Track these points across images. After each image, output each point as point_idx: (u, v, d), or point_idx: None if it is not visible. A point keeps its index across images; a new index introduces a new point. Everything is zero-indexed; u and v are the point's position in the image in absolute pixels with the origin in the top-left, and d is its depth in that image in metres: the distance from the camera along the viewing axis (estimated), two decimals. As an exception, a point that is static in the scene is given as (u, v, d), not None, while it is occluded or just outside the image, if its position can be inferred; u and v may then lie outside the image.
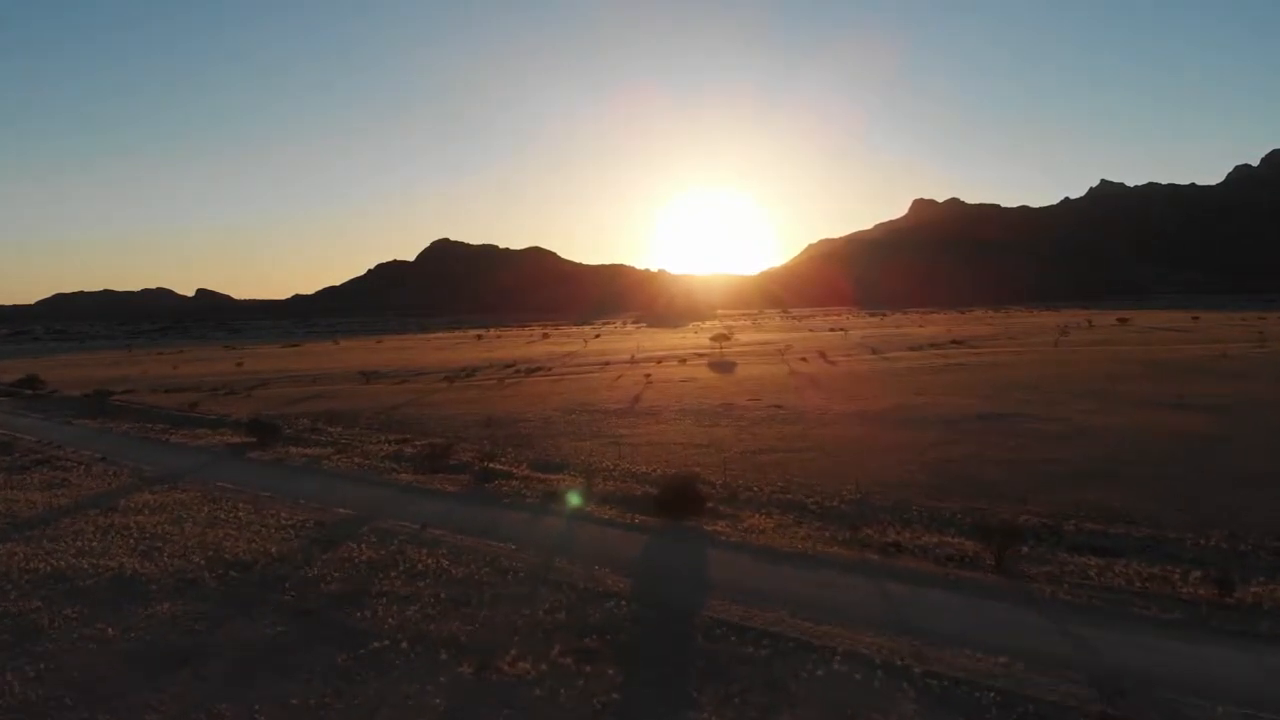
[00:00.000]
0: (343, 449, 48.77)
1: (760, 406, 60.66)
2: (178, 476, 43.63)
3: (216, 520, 34.03)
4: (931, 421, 51.93)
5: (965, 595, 23.63)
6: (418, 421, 58.78)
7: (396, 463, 44.05)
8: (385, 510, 34.60)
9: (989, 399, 61.02)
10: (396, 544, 29.34)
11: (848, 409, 58.22)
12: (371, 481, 40.50)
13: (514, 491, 36.67)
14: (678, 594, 23.92)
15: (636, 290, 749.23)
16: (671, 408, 61.63)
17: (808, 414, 56.47)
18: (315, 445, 50.82)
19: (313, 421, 60.59)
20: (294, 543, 30.33)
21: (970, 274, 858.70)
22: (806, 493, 34.81)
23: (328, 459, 46.26)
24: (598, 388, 76.97)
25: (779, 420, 54.12)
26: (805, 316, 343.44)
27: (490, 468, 40.53)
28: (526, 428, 54.50)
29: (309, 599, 24.65)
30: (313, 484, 40.48)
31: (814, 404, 61.25)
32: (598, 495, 35.47)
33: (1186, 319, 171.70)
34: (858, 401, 62.01)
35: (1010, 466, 39.39)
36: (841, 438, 47.50)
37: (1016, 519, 30.57)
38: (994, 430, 48.74)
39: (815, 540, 28.46)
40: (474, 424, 56.68)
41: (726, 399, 65.60)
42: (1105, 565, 26.41)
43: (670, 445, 46.92)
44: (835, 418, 54.59)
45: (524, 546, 28.67)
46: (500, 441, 49.11)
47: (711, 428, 52.41)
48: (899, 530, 29.71)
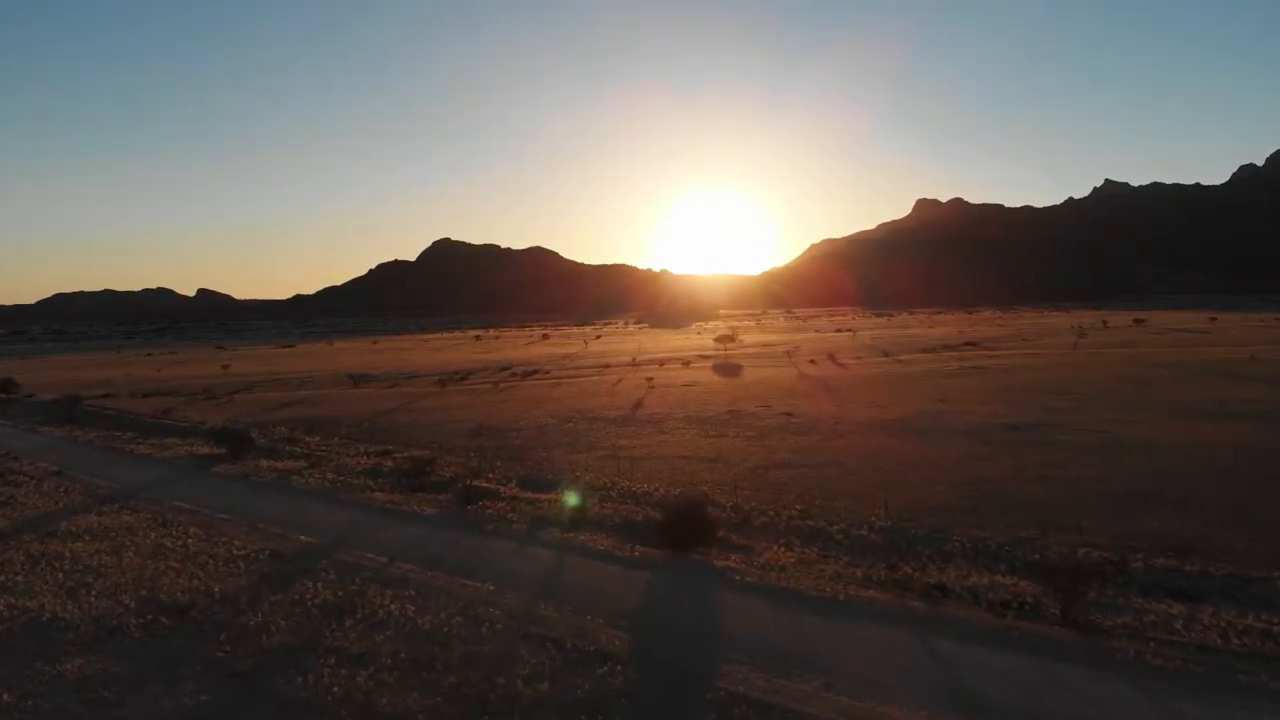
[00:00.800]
0: (317, 462, 44.79)
1: (770, 414, 56.62)
2: (132, 494, 39.68)
3: (161, 550, 30.04)
4: (957, 432, 47.85)
5: (1032, 656, 19.56)
6: (403, 430, 54.79)
7: (373, 479, 40.01)
8: (352, 538, 30.58)
9: (1015, 406, 56.92)
10: (358, 582, 25.33)
11: (864, 417, 54.15)
12: (343, 502, 36.47)
13: (499, 515, 32.60)
14: (686, 655, 19.84)
15: (638, 290, 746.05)
16: (675, 415, 57.61)
17: (822, 423, 52.40)
18: (288, 458, 46.84)
19: (290, 430, 56.64)
20: (242, 579, 26.32)
21: (974, 274, 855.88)
22: (829, 518, 30.73)
23: (299, 474, 42.24)
24: (597, 392, 72.96)
25: (791, 430, 50.04)
26: (810, 317, 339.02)
27: (474, 486, 36.49)
28: (518, 438, 50.48)
29: (245, 656, 20.64)
30: (278, 504, 36.48)
31: (828, 411, 57.19)
32: (593, 520, 31.42)
33: (1203, 320, 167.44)
34: (874, 408, 57.94)
35: (1052, 485, 35.31)
36: (861, 450, 43.43)
37: (1075, 553, 26.61)
38: (1026, 442, 44.64)
39: (846, 581, 24.38)
40: (462, 433, 52.68)
41: (733, 405, 61.56)
42: (1189, 614, 22.33)
43: (674, 459, 42.86)
44: (852, 427, 50.52)
45: (505, 587, 24.62)
46: (489, 454, 45.10)
47: (718, 438, 48.36)
48: (941, 567, 25.64)
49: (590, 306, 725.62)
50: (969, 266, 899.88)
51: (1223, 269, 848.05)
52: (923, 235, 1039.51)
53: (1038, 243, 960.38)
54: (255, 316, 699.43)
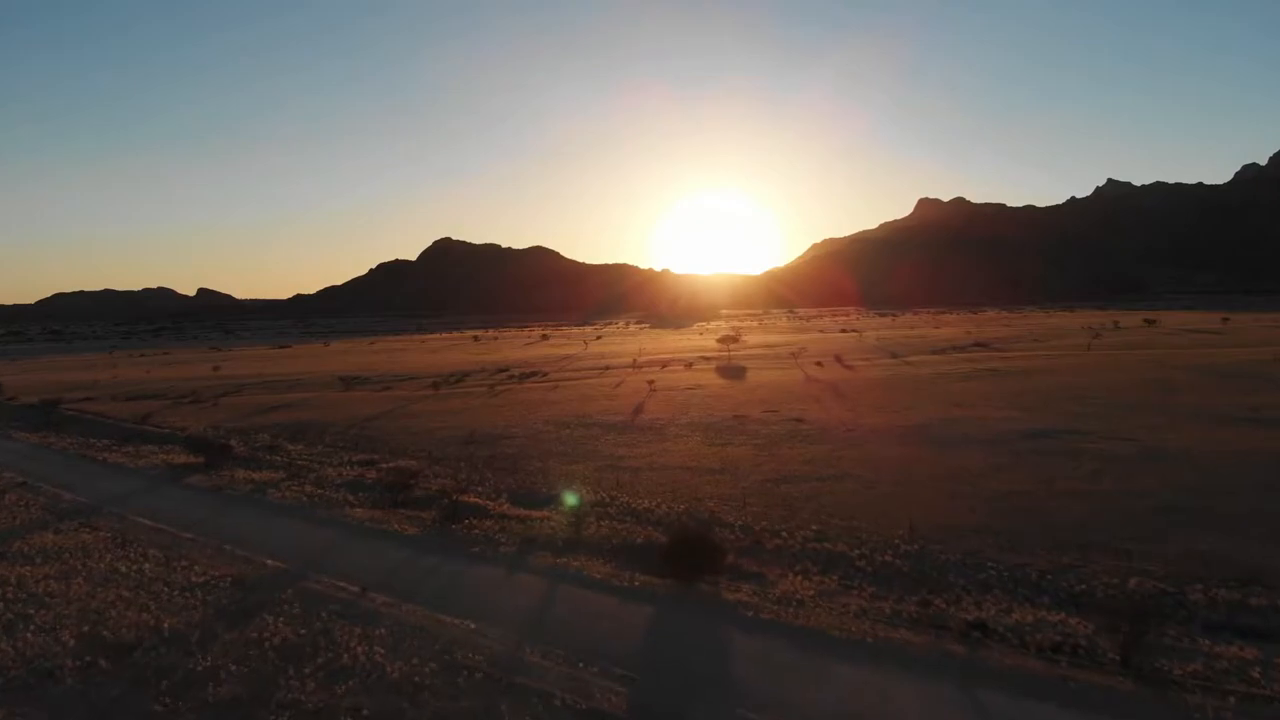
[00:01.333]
0: (297, 474, 42.06)
1: (778, 420, 53.85)
2: (97, 509, 36.98)
3: (115, 575, 27.34)
4: (978, 440, 45.07)
5: (1094, 714, 16.86)
6: (391, 438, 52.06)
7: (354, 493, 37.25)
8: (324, 562, 27.85)
9: (1036, 412, 54.14)
10: (324, 618, 22.61)
11: (878, 424, 51.38)
12: (318, 519, 33.72)
13: (486, 536, 29.84)
14: (695, 715, 17.11)
15: (640, 290, 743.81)
16: (677, 421, 54.85)
17: (833, 430, 49.63)
18: (267, 468, 44.11)
19: (273, 437, 53.92)
20: (196, 612, 23.61)
21: (976, 274, 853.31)
22: (849, 540, 27.98)
23: (276, 487, 39.51)
24: (596, 396, 70.20)
25: (801, 438, 47.26)
26: (813, 317, 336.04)
27: (461, 502, 33.78)
28: (512, 446, 47.72)
29: (185, 711, 17.92)
30: (248, 521, 33.76)
31: (838, 417, 54.42)
32: (589, 541, 28.66)
33: (1215, 321, 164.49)
34: (887, 414, 55.18)
35: (1089, 502, 32.53)
36: (877, 461, 40.66)
37: (1126, 582, 23.88)
38: (1053, 452, 41.86)
39: (873, 618, 21.63)
40: (453, 441, 49.93)
41: (739, 410, 58.80)
42: (1265, 658, 19.60)
43: (677, 470, 40.10)
44: (866, 435, 47.74)
45: (488, 625, 21.88)
46: (479, 465, 42.38)
47: (724, 447, 45.59)
48: (978, 600, 22.90)
49: (591, 306, 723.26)
50: (971, 266, 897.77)
51: (1225, 268, 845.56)
52: (925, 235, 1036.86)
53: (1040, 242, 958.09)
54: (255, 316, 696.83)
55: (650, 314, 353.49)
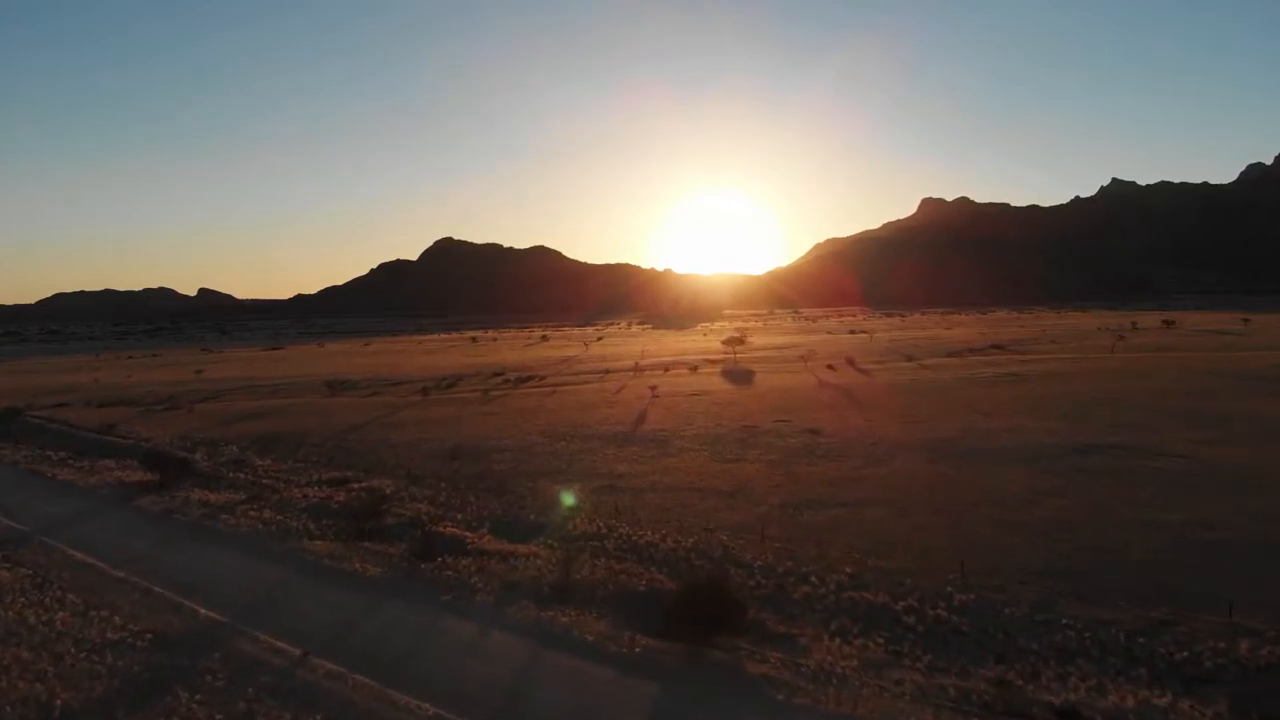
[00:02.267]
0: (258, 495, 37.68)
1: (792, 431, 49.44)
2: (27, 538, 32.62)
3: (19, 629, 22.98)
4: (1016, 456, 40.65)
5: None
6: (370, 451, 47.70)
7: (317, 520, 32.82)
8: (267, 613, 23.48)
9: (1072, 423, 49.71)
10: (251, 696, 18.23)
11: (902, 436, 46.96)
12: (271, 554, 29.31)
13: (461, 579, 25.36)
14: None
15: (642, 290, 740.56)
16: (683, 432, 50.45)
17: (854, 443, 45.20)
18: (227, 488, 39.73)
19: (242, 450, 49.59)
20: (99, 684, 19.26)
21: (980, 273, 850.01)
22: (891, 586, 23.57)
23: (232, 511, 35.13)
24: (595, 403, 65.83)
25: (821, 453, 42.84)
26: (818, 317, 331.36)
27: (436, 533, 29.43)
28: (501, 462, 43.33)
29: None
30: (192, 556, 29.37)
31: (858, 428, 50.00)
32: (582, 588, 24.19)
33: (1235, 321, 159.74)
34: (911, 424, 50.76)
35: (1158, 534, 28.11)
36: (908, 481, 36.25)
37: (1236, 646, 19.50)
38: (1103, 471, 37.43)
39: (937, 703, 17.18)
40: (438, 455, 45.56)
41: (749, 419, 54.43)
42: None
43: (684, 492, 35.70)
44: (891, 449, 43.31)
45: (452, 709, 17.52)
46: (462, 484, 38.00)
47: (735, 463, 41.19)
48: (1061, 674, 18.44)
49: (593, 307, 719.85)
50: (975, 266, 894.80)
51: (1231, 268, 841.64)
52: (928, 234, 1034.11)
53: (1044, 242, 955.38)
54: (255, 316, 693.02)
55: (652, 314, 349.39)
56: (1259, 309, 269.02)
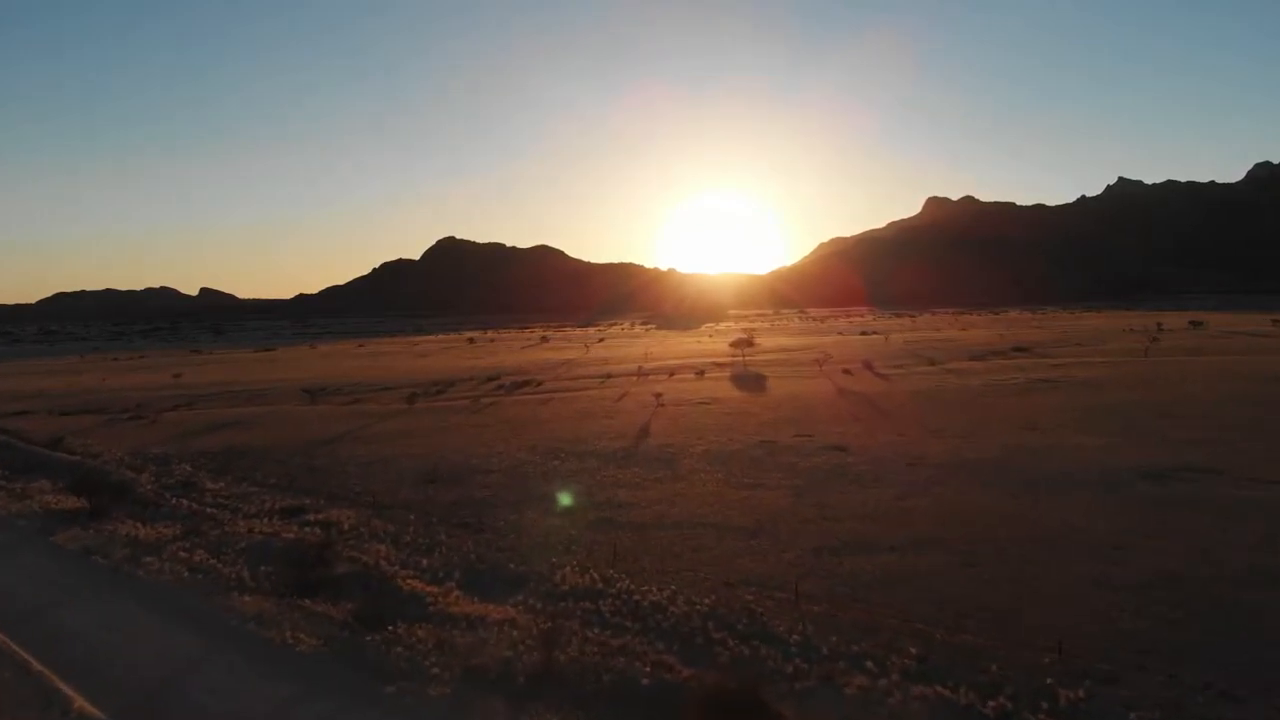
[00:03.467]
0: (197, 529, 32.15)
1: (815, 448, 43.90)
2: (-95, 586, 27.20)
3: None
4: (1078, 482, 35.04)
5: None
6: (337, 471, 42.25)
7: (255, 566, 27.23)
8: (157, 711, 18.01)
9: (1131, 439, 44.11)
10: None
11: (941, 454, 41.38)
12: (191, 614, 23.70)
13: (413, 660, 19.61)
14: None
15: (645, 290, 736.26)
16: (692, 449, 44.94)
17: (889, 464, 39.64)
18: (164, 519, 34.16)
19: (195, 469, 44.15)
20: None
21: (987, 273, 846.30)
22: (972, 674, 17.93)
23: (160, 551, 29.55)
24: (595, 413, 60.35)
25: (852, 476, 37.28)
26: (826, 318, 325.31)
27: (393, 586, 23.95)
28: (484, 486, 37.84)
29: None
30: (96, 616, 23.80)
31: (890, 445, 44.43)
32: (568, 678, 18.58)
33: (1264, 322, 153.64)
34: (949, 440, 45.20)
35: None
36: (961, 515, 30.67)
37: None
38: (1184, 501, 31.81)
39: None
40: (413, 477, 40.09)
41: (765, 433, 48.92)
42: None
43: (696, 528, 30.17)
44: (933, 472, 37.73)
45: None
46: (435, 517, 32.50)
47: (754, 489, 35.65)
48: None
49: (597, 306, 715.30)
50: (981, 266, 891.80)
51: (1238, 267, 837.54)
52: (933, 234, 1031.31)
53: (1050, 241, 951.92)
54: (254, 316, 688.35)
55: (656, 314, 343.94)
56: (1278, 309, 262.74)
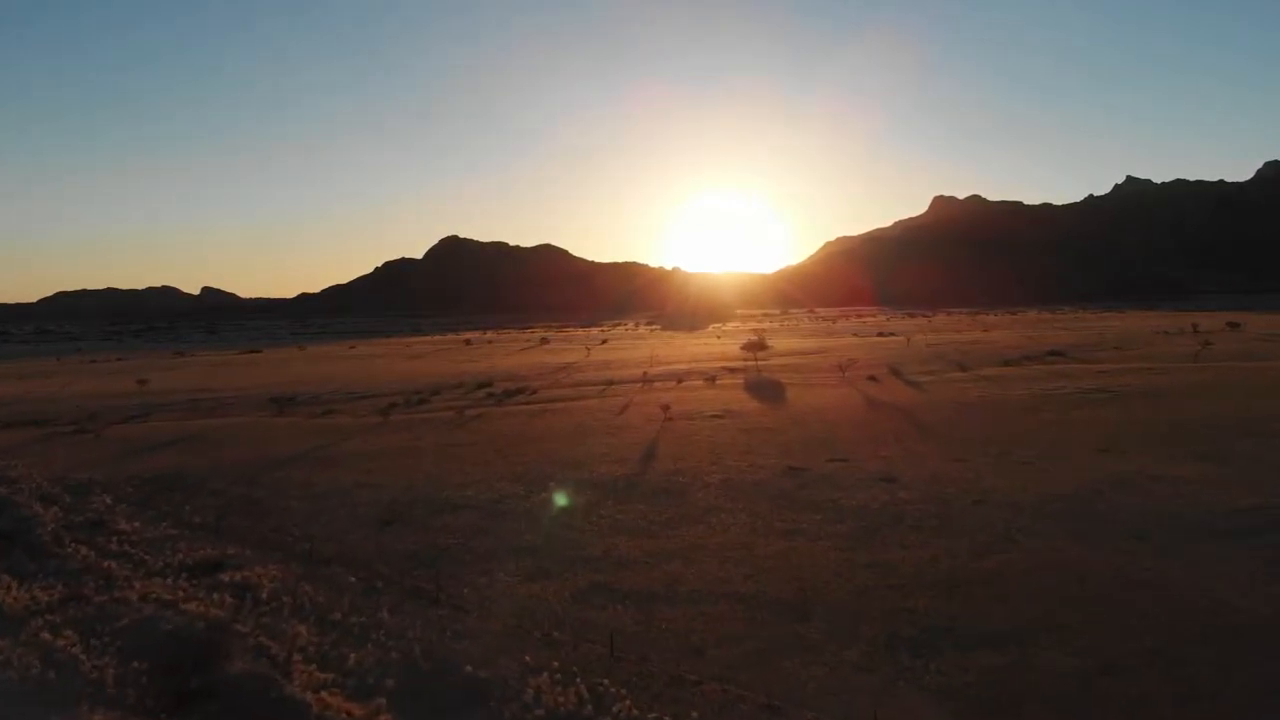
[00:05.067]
0: (81, 591, 24.88)
1: (857, 477, 36.63)
2: None
3: None
4: (1198, 529, 27.67)
5: None
6: (279, 506, 35.07)
7: (125, 662, 20.09)
8: None
9: (1232, 466, 36.74)
10: None
11: (1011, 488, 34.07)
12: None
13: None
14: None
15: (650, 289, 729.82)
16: (707, 477, 37.71)
17: (950, 501, 32.38)
18: (51, 575, 26.70)
19: (116, 501, 37.02)
20: None
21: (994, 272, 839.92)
22: None
23: (23, 626, 22.42)
24: (593, 428, 53.17)
25: (910, 519, 29.98)
26: (837, 318, 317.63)
27: (295, 708, 16.91)
28: (451, 531, 30.63)
29: None
30: None
31: (944, 473, 37.14)
32: None
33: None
34: (1013, 467, 37.91)
35: None
36: (1063, 579, 23.36)
37: None
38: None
39: None
40: (367, 517, 32.90)
41: (792, 456, 41.70)
42: None
43: (720, 603, 22.91)
44: (1007, 512, 30.43)
45: None
46: (384, 578, 25.35)
47: (790, 539, 28.39)
48: None
49: (601, 306, 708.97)
50: (988, 265, 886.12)
51: (1247, 267, 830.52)
52: (940, 233, 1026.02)
53: (1057, 240, 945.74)
54: (254, 316, 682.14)
55: (661, 314, 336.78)
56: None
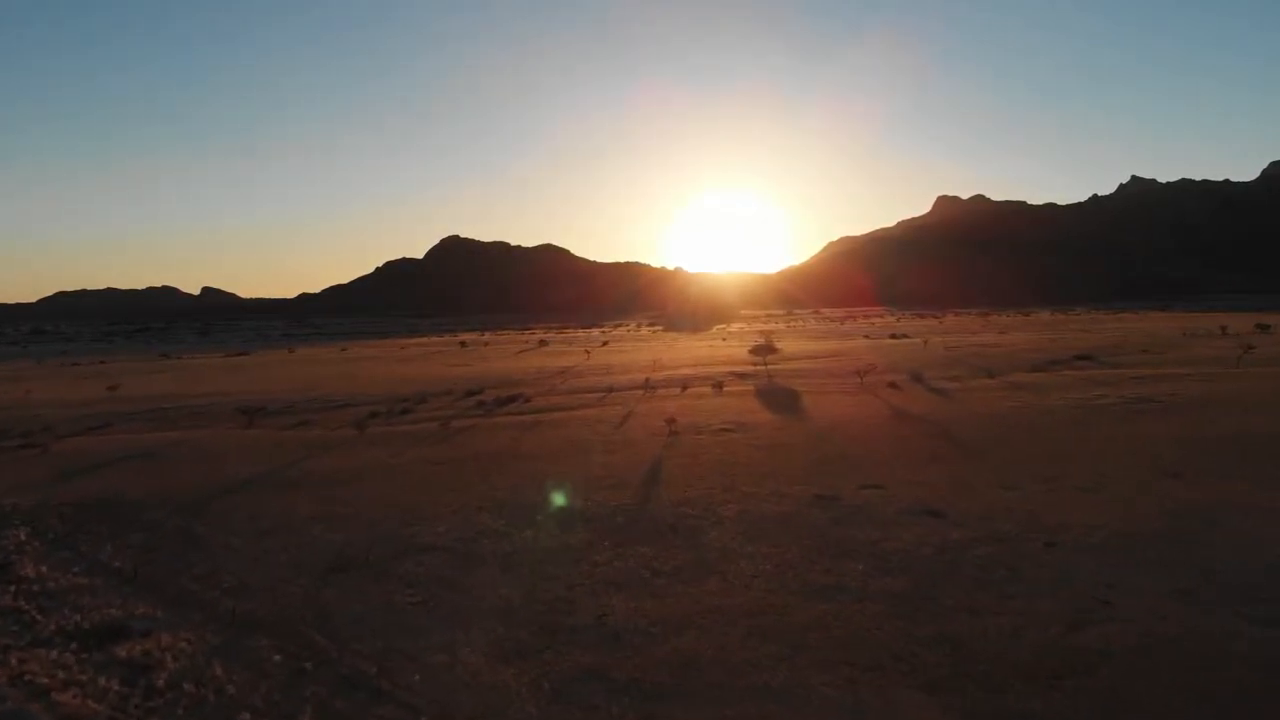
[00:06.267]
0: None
1: (897, 510, 31.14)
2: None
3: None
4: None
5: None
6: (216, 546, 29.66)
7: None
8: None
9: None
10: None
11: (1084, 523, 28.59)
12: None
13: None
14: None
15: (652, 289, 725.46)
16: (721, 509, 32.21)
17: (1017, 541, 26.89)
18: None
19: (30, 537, 31.44)
20: None
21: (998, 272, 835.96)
22: None
23: None
24: (590, 443, 47.73)
25: (971, 568, 24.49)
26: (844, 318, 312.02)
27: None
28: (414, 580, 25.19)
29: None
30: None
31: (999, 503, 31.65)
32: None
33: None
34: (1076, 496, 32.47)
35: None
36: (1184, 650, 18.03)
37: None
38: None
39: None
40: (317, 559, 27.47)
41: (818, 480, 36.25)
42: None
43: (746, 697, 17.30)
44: (1089, 560, 24.95)
45: None
46: (320, 654, 19.94)
47: (828, 599, 22.88)
48: None
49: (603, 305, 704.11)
50: (993, 264, 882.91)
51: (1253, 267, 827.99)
52: (944, 233, 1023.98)
53: (1062, 240, 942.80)
54: (253, 316, 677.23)
55: (664, 315, 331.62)
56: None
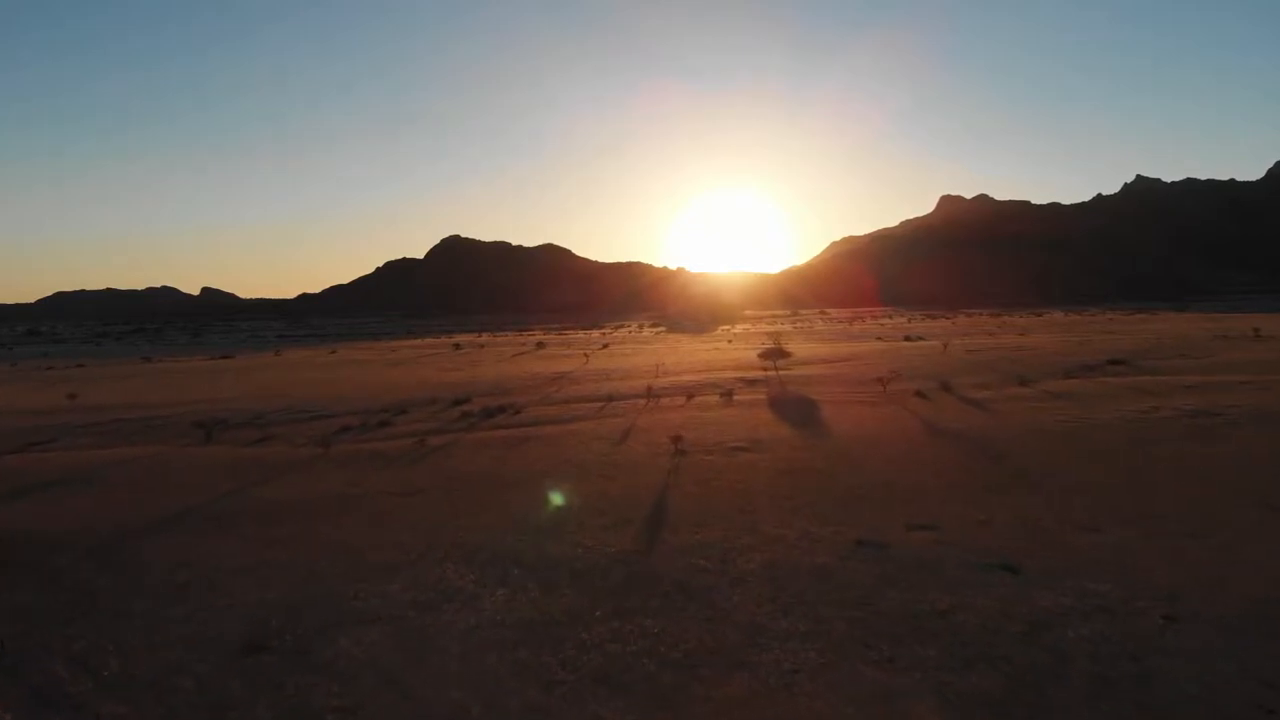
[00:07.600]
0: None
1: (960, 562, 25.33)
2: None
3: None
4: None
5: None
6: (118, 611, 23.87)
7: None
8: None
9: None
10: None
11: (1198, 585, 22.81)
12: None
13: None
14: None
15: (654, 289, 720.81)
16: (742, 561, 26.38)
17: (1124, 615, 21.10)
18: None
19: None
20: None
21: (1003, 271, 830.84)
22: None
23: None
24: (585, 465, 41.87)
25: (1079, 661, 18.63)
26: (851, 319, 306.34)
27: None
28: (349, 666, 19.33)
29: None
30: None
31: (1086, 554, 25.84)
32: None
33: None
34: (1175, 544, 26.66)
35: None
36: None
37: None
38: None
39: None
40: (233, 633, 21.71)
41: (855, 518, 30.39)
42: None
43: None
44: (1222, 640, 19.19)
45: None
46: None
47: (891, 702, 17.31)
48: None
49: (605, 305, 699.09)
50: (996, 264, 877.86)
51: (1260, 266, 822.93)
52: (947, 232, 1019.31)
53: (1067, 239, 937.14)
54: (255, 316, 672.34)
55: (666, 315, 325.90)
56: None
